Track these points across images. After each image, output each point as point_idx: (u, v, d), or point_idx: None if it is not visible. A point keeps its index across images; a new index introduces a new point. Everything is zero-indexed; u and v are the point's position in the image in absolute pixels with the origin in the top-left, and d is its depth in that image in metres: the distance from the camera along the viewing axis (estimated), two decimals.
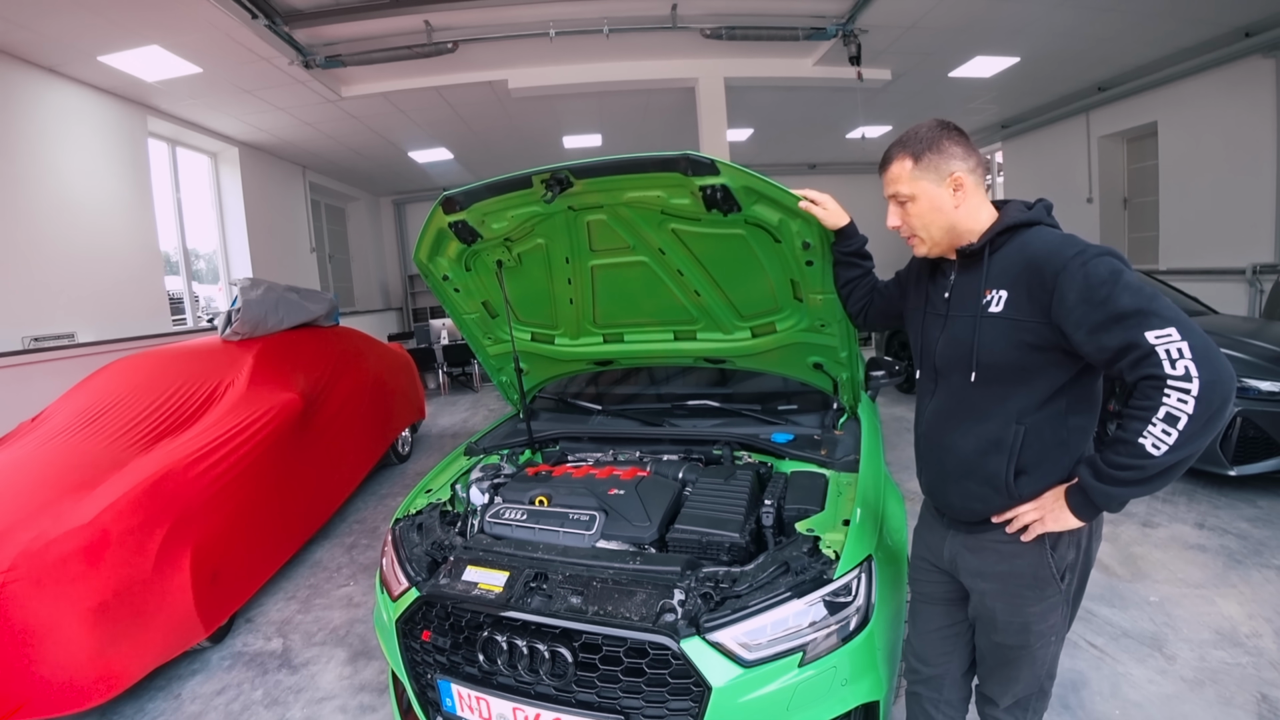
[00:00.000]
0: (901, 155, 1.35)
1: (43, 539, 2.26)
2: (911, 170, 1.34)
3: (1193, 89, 6.40)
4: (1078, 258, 1.16)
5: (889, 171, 1.38)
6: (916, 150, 1.33)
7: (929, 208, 1.34)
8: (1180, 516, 3.51)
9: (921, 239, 1.39)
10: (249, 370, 3.70)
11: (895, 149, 1.37)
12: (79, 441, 3.12)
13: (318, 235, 9.48)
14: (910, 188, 1.34)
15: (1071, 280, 1.15)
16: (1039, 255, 1.22)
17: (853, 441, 2.23)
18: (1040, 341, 1.22)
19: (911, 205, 1.36)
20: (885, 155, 1.39)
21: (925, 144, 1.33)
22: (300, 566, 3.65)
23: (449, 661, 1.67)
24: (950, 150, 1.32)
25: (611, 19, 5.17)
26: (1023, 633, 1.35)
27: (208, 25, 4.43)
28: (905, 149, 1.35)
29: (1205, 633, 2.48)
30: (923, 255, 1.44)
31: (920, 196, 1.34)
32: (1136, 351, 1.09)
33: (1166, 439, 1.07)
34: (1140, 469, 1.10)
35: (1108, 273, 1.13)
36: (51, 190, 4.93)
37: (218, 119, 6.56)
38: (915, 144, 1.34)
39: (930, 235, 1.37)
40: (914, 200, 1.35)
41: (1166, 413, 1.06)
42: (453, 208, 2.01)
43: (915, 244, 1.42)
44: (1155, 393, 1.08)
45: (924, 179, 1.33)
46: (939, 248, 1.39)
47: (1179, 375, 1.05)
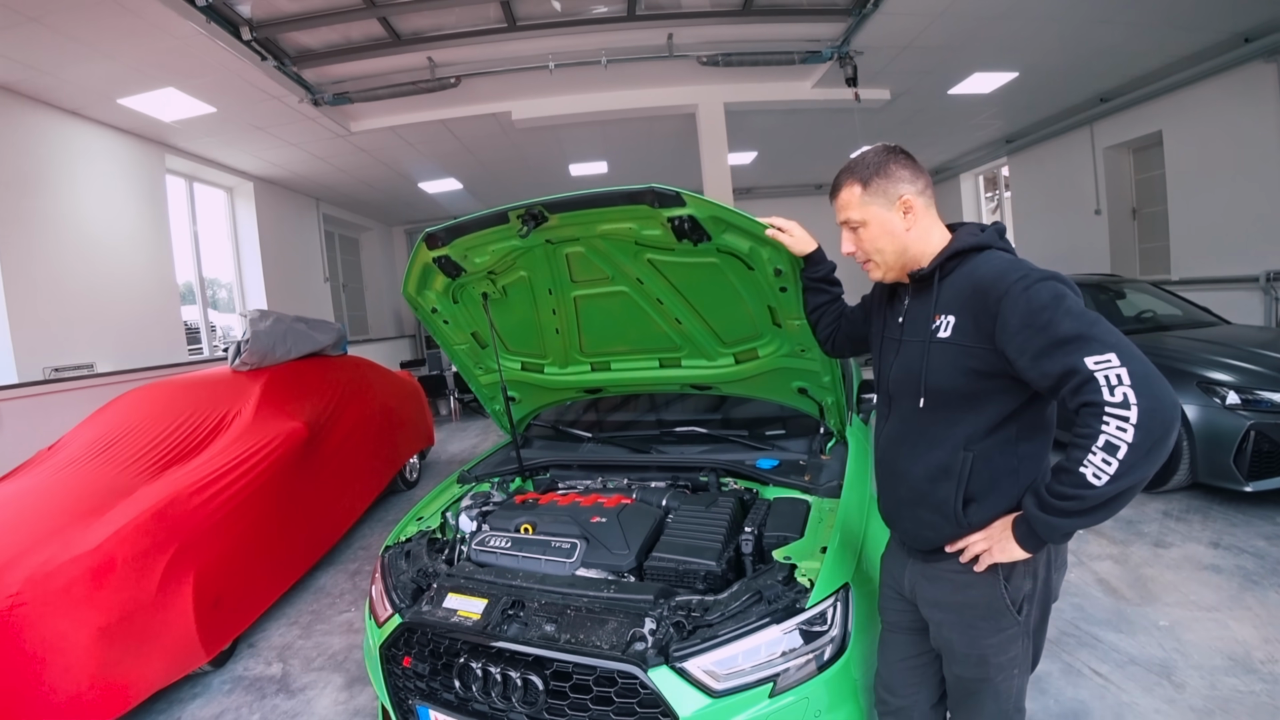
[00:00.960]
0: (850, 181, 1.36)
1: (51, 564, 2.33)
2: (861, 195, 1.35)
3: (1196, 96, 6.35)
4: (1020, 282, 1.16)
5: (839, 198, 1.39)
6: (864, 175, 1.35)
7: (880, 232, 1.35)
8: (1194, 535, 3.42)
9: (875, 264, 1.40)
10: (256, 400, 3.79)
11: (844, 175, 1.39)
12: (90, 469, 3.22)
13: (331, 265, 9.68)
14: (860, 213, 1.36)
15: (1014, 305, 1.15)
16: (985, 280, 1.22)
17: (839, 466, 2.22)
18: (987, 368, 1.22)
19: (863, 230, 1.37)
20: (834, 182, 1.41)
21: (873, 169, 1.34)
22: (304, 592, 3.69)
23: (428, 688, 1.69)
24: (898, 174, 1.33)
25: (609, 50, 5.28)
26: (981, 665, 1.32)
27: (220, 67, 4.62)
28: (853, 175, 1.36)
29: (1217, 659, 2.40)
30: (878, 280, 1.45)
31: (871, 221, 1.35)
32: (1076, 378, 1.08)
33: (1107, 469, 1.04)
34: (1081, 499, 1.08)
35: (1049, 297, 1.13)
36: (74, 226, 5.12)
37: (232, 155, 6.79)
38: (863, 169, 1.35)
39: (884, 260, 1.38)
40: (865, 225, 1.36)
41: (1106, 441, 1.04)
42: (435, 243, 2.07)
43: (870, 269, 1.43)
44: (1095, 420, 1.06)
45: (873, 203, 1.34)
46: (893, 272, 1.40)
47: (1117, 402, 1.04)
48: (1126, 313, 5.23)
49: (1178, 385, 3.80)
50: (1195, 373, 3.81)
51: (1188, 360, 3.95)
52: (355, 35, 4.83)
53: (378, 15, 4.46)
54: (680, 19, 4.97)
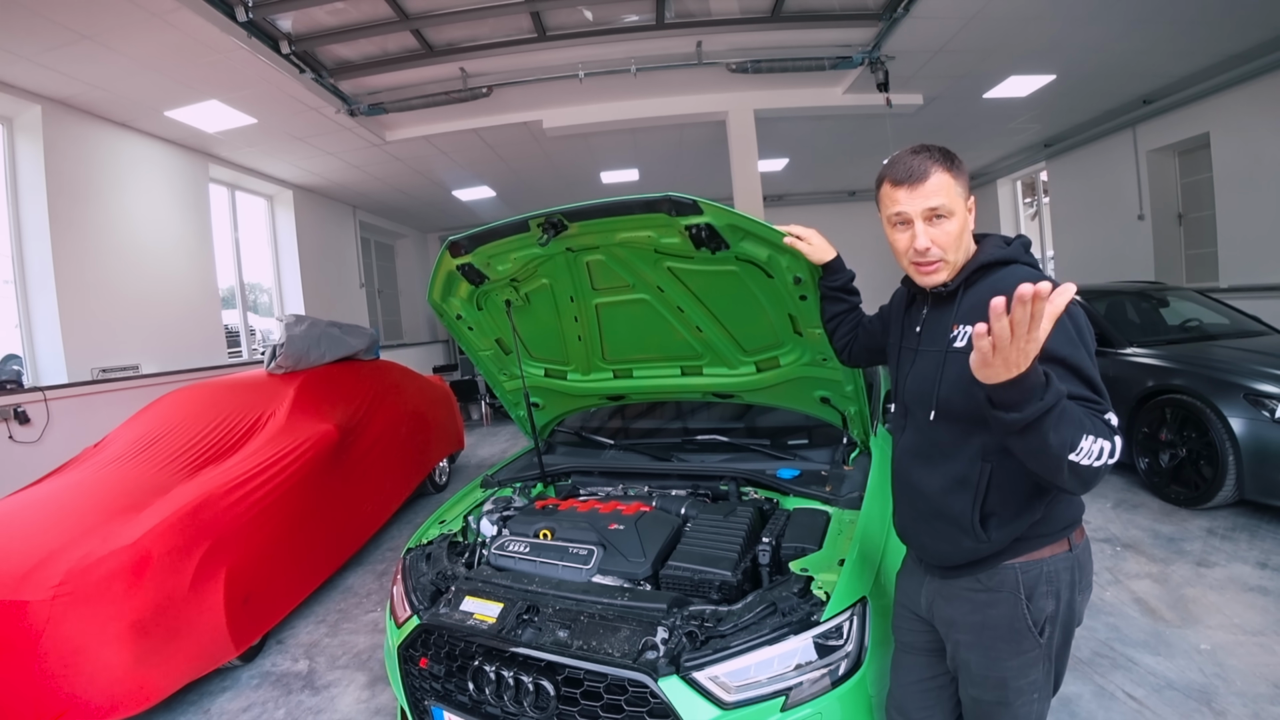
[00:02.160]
0: (940, 167, 1.24)
1: (91, 557, 2.43)
2: (952, 184, 1.24)
3: (1246, 96, 6.10)
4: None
5: (927, 183, 1.23)
6: (951, 165, 1.25)
7: (960, 227, 1.27)
8: (1240, 555, 3.27)
9: (946, 262, 1.28)
10: (289, 402, 3.90)
11: (929, 161, 1.25)
12: (130, 467, 3.35)
13: (367, 271, 9.92)
14: (952, 202, 1.24)
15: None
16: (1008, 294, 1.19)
17: (861, 477, 2.18)
18: None
19: (948, 223, 1.25)
20: (916, 168, 1.25)
21: (953, 160, 1.26)
22: (332, 591, 3.77)
23: (443, 689, 1.71)
24: (966, 172, 1.29)
25: (638, 58, 5.32)
26: (1000, 688, 1.28)
27: (261, 81, 4.79)
28: (939, 162, 1.24)
29: (1262, 686, 2.28)
30: (939, 283, 1.31)
31: (957, 213, 1.26)
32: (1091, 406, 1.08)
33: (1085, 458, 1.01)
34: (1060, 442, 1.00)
35: (1074, 331, 1.12)
36: (122, 233, 5.36)
37: (272, 164, 7.02)
38: (946, 159, 1.25)
39: (955, 258, 1.28)
40: (951, 217, 1.25)
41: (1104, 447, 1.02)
42: (458, 251, 2.11)
43: (938, 270, 1.29)
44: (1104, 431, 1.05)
45: (959, 194, 1.26)
46: (953, 273, 1.30)
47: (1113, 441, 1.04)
48: (1171, 321, 5.03)
49: (1224, 397, 3.66)
50: (1242, 384, 3.65)
51: (1235, 371, 3.79)
52: (390, 47, 4.96)
53: (411, 28, 4.57)
54: (709, 26, 4.97)
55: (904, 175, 1.26)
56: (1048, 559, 1.25)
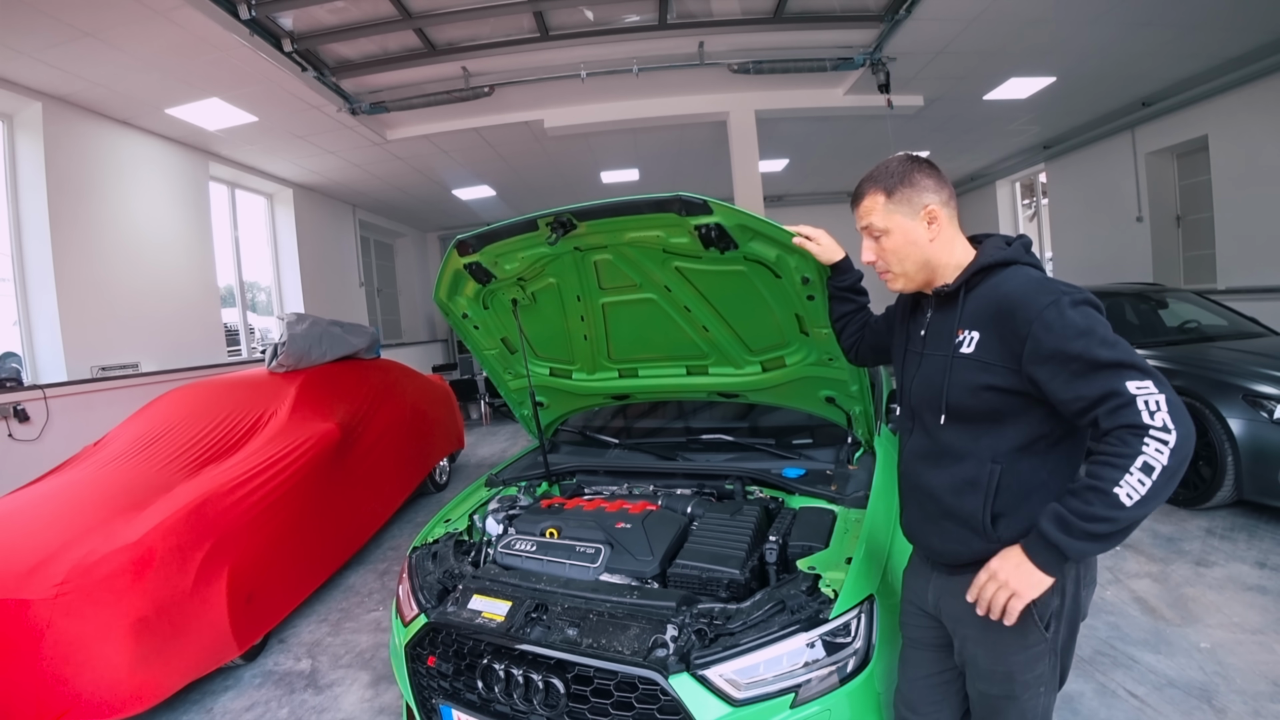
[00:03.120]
0: (873, 189, 1.34)
1: (94, 555, 2.43)
2: (884, 203, 1.33)
3: (1244, 100, 6.14)
4: (1053, 306, 1.14)
5: (861, 205, 1.36)
6: (888, 184, 1.32)
7: (903, 241, 1.33)
8: (1239, 555, 3.29)
9: (895, 274, 1.37)
10: (291, 401, 3.89)
11: (866, 184, 1.36)
12: (132, 466, 3.34)
13: (367, 270, 9.90)
14: (884, 221, 1.33)
15: (1048, 328, 1.13)
16: (1012, 298, 1.20)
17: (866, 476, 2.19)
18: (1009, 386, 1.20)
19: (886, 239, 1.34)
20: (857, 190, 1.38)
21: (897, 177, 1.32)
22: (334, 590, 3.77)
23: (451, 687, 1.71)
24: (922, 183, 1.31)
25: (640, 58, 5.32)
26: (1007, 682, 1.29)
27: (262, 79, 4.78)
28: (876, 183, 1.34)
29: (1262, 684, 2.30)
30: (898, 290, 1.42)
31: (894, 230, 1.33)
32: (1117, 399, 1.06)
33: (1140, 489, 1.03)
34: (1113, 521, 1.05)
35: (1085, 322, 1.12)
36: (122, 231, 5.34)
37: (273, 162, 7.00)
38: (886, 178, 1.33)
39: (905, 270, 1.36)
40: (888, 234, 1.34)
41: (1144, 462, 1.03)
42: (466, 250, 2.11)
43: (890, 279, 1.40)
44: (1135, 441, 1.04)
45: (897, 212, 1.32)
46: (913, 283, 1.38)
47: (1159, 426, 1.03)
48: (1169, 323, 5.06)
49: (1223, 398, 3.67)
50: (1241, 385, 3.67)
51: (1233, 372, 3.81)
52: (392, 46, 4.96)
53: (414, 26, 4.57)
54: (711, 27, 4.98)
55: (852, 199, 1.41)
56: None
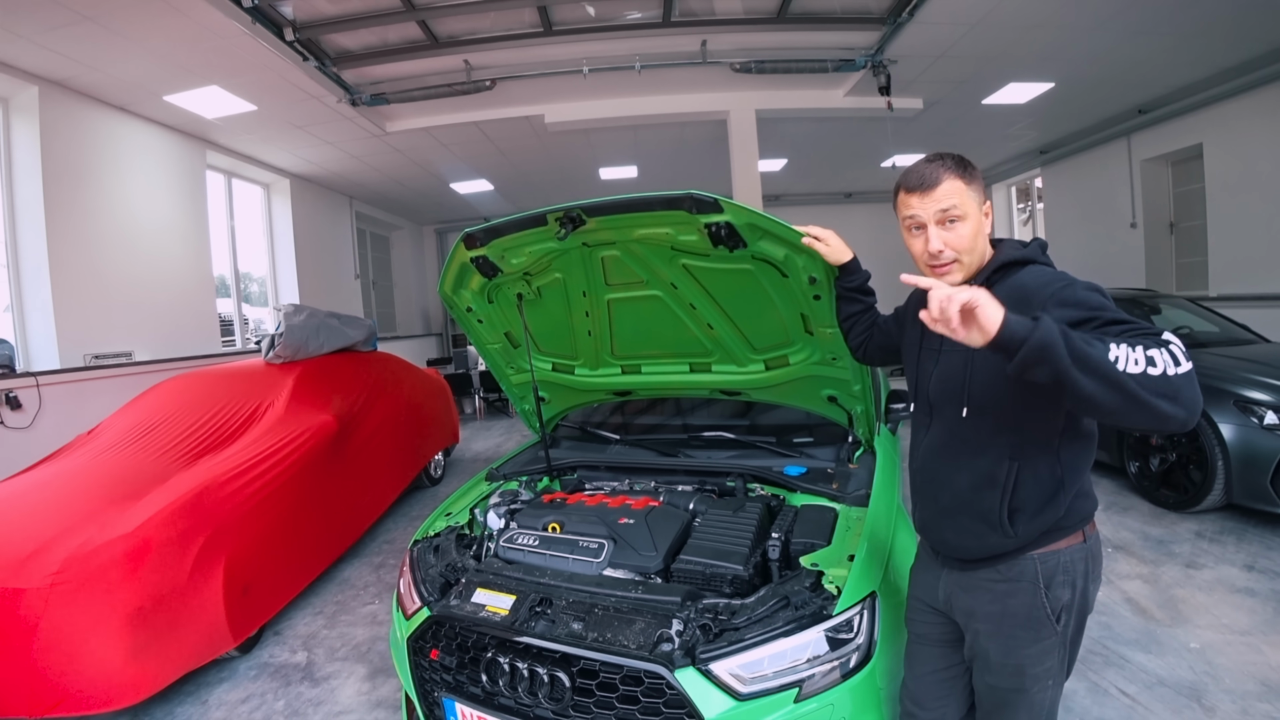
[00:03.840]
0: (951, 174, 1.30)
1: (89, 545, 2.41)
2: (965, 189, 1.30)
3: (1238, 109, 6.22)
4: (1067, 287, 1.19)
5: (939, 189, 1.30)
6: (964, 171, 1.31)
7: (975, 229, 1.31)
8: (1228, 557, 3.34)
9: (962, 264, 1.33)
10: (288, 392, 3.87)
11: (939, 169, 1.31)
12: (128, 455, 3.32)
13: (362, 262, 9.86)
14: (964, 206, 1.30)
15: (1062, 303, 1.16)
16: (1029, 287, 1.24)
17: (866, 475, 2.21)
18: None
19: (961, 225, 1.30)
20: (929, 175, 1.32)
21: (966, 167, 1.32)
22: (329, 583, 3.75)
23: (454, 681, 1.72)
24: (982, 179, 1.34)
25: (643, 55, 5.33)
26: (1017, 675, 1.32)
27: (263, 67, 4.75)
28: (950, 169, 1.31)
29: (1250, 684, 2.34)
30: (956, 283, 1.33)
31: (970, 216, 1.31)
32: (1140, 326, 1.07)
33: (1134, 367, 0.97)
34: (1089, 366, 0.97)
35: (1097, 300, 1.16)
36: (117, 219, 5.30)
37: (271, 152, 6.96)
38: (958, 166, 1.32)
39: (970, 260, 1.33)
40: (964, 220, 1.30)
41: (1151, 355, 0.98)
42: (473, 244, 2.11)
43: (952, 270, 1.33)
44: (1154, 341, 1.02)
45: (973, 199, 1.31)
46: (969, 274, 1.34)
47: (1177, 352, 1.00)
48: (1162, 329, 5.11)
49: (1214, 403, 3.72)
50: (1232, 391, 3.72)
51: (1225, 378, 3.86)
52: (394, 37, 4.93)
53: (417, 18, 4.55)
54: (714, 26, 4.99)
55: (916, 182, 1.33)
56: (1064, 550, 1.29)
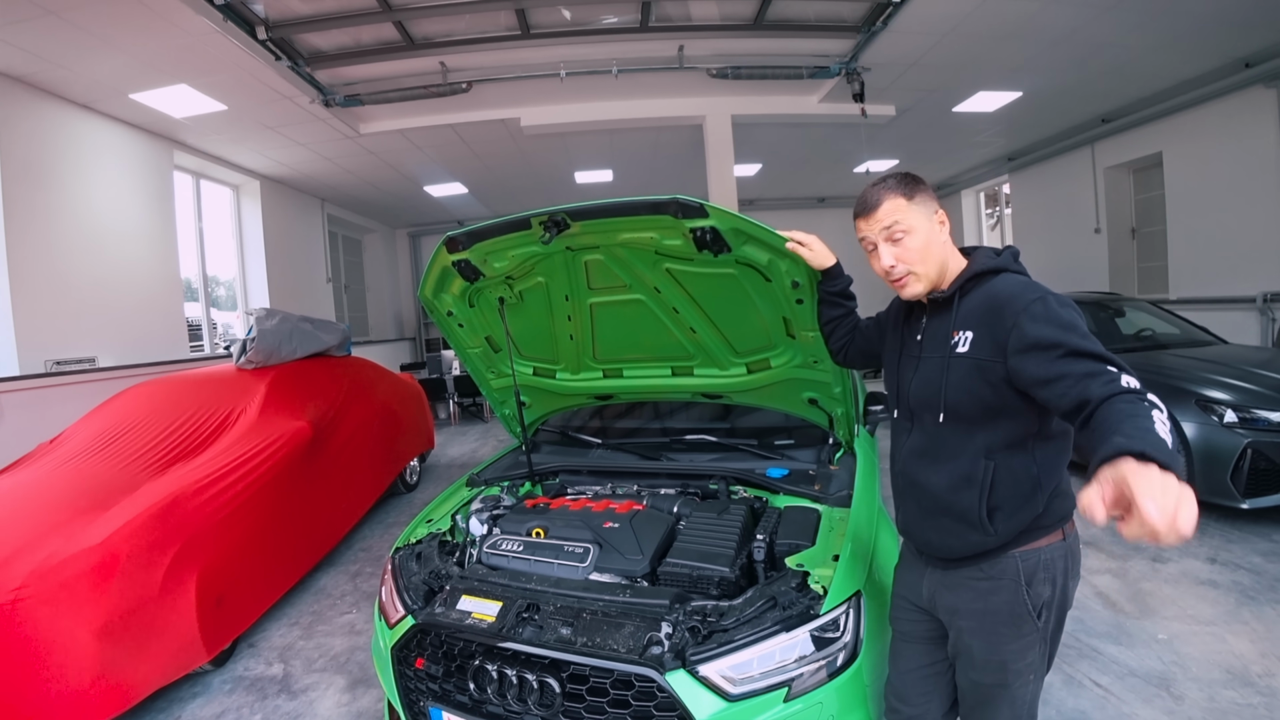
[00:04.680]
0: (892, 194, 1.36)
1: (55, 558, 2.32)
2: (907, 205, 1.35)
3: (1196, 119, 6.46)
4: (1039, 301, 1.22)
5: (881, 209, 1.36)
6: (906, 189, 1.36)
7: (925, 241, 1.36)
8: (1191, 551, 3.46)
9: (917, 275, 1.37)
10: (261, 398, 3.79)
11: (881, 191, 1.37)
12: (94, 464, 3.21)
13: (334, 266, 9.70)
14: (909, 220, 1.35)
15: (1033, 319, 1.20)
16: (1002, 297, 1.28)
17: (847, 476, 2.24)
18: (1001, 379, 1.26)
19: (909, 239, 1.35)
20: (868, 200, 1.38)
21: (910, 184, 1.37)
22: (305, 593, 3.68)
23: (441, 689, 1.69)
24: (929, 191, 1.39)
25: (620, 60, 5.34)
26: (1000, 670, 1.35)
27: (234, 66, 4.65)
28: (892, 189, 1.36)
29: (1215, 672, 2.43)
30: (913, 295, 1.41)
31: (918, 230, 1.35)
32: (1107, 375, 1.08)
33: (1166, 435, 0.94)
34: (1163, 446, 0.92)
35: (1068, 318, 1.19)
36: (80, 220, 5.13)
37: (241, 153, 6.81)
38: (901, 185, 1.37)
39: (926, 270, 1.37)
40: (911, 234, 1.35)
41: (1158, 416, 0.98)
42: (456, 247, 2.09)
43: (909, 283, 1.39)
44: (1140, 402, 1.02)
45: (919, 213, 1.36)
46: (928, 285, 1.39)
47: (1154, 403, 1.01)
48: (1126, 331, 5.28)
49: (1176, 403, 3.85)
50: (1194, 391, 3.85)
51: (1186, 379, 4.00)
52: (370, 38, 4.88)
53: (393, 19, 4.50)
54: (692, 31, 5.03)
55: (861, 208, 1.41)
56: (1044, 548, 1.32)
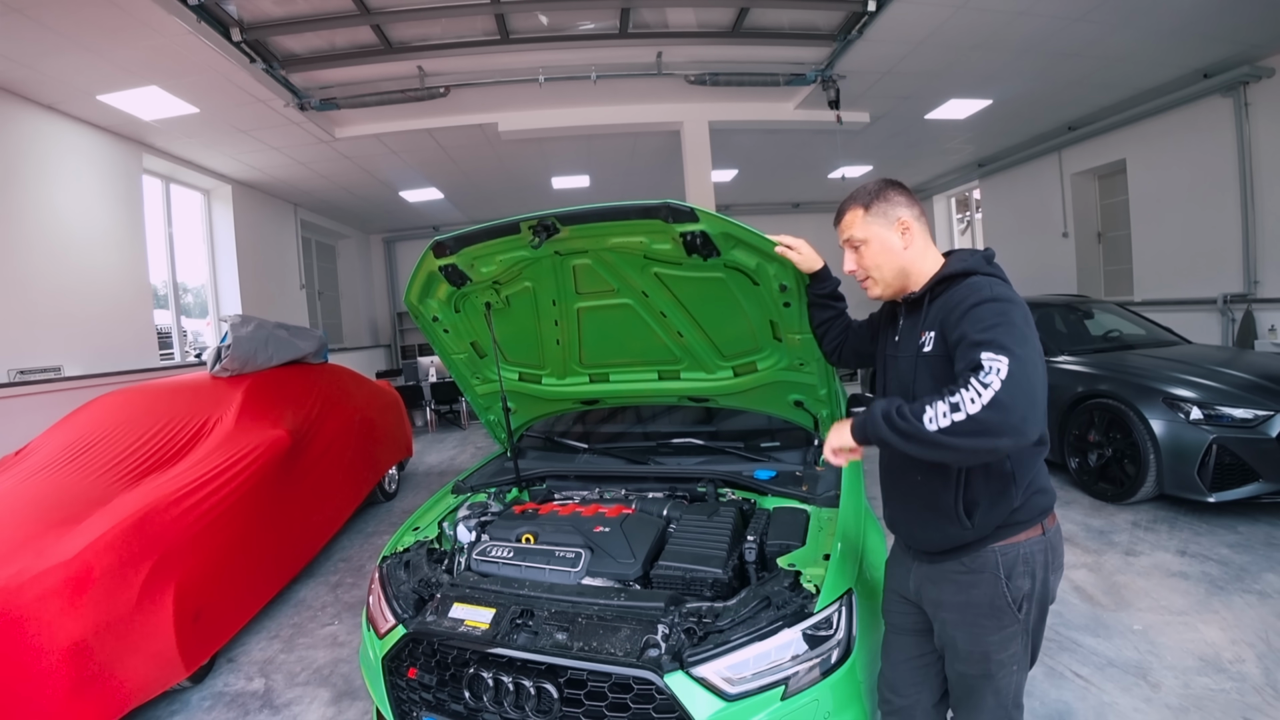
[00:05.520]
0: (853, 205, 1.50)
1: (25, 574, 2.24)
2: (863, 216, 1.47)
3: (1158, 127, 6.69)
4: (980, 305, 1.28)
5: (843, 220, 1.52)
6: (865, 200, 1.48)
7: (880, 249, 1.47)
8: (1162, 544, 3.56)
9: (874, 279, 1.50)
10: (237, 407, 3.71)
11: (847, 202, 1.52)
12: (64, 476, 3.12)
13: (308, 272, 9.54)
14: (863, 232, 1.47)
15: (967, 316, 1.27)
16: (953, 302, 1.34)
17: (834, 477, 2.27)
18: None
19: (865, 248, 1.48)
20: (839, 210, 1.54)
21: (873, 194, 1.48)
22: (284, 605, 3.60)
23: (435, 699, 1.67)
24: (895, 199, 1.46)
25: (599, 66, 5.36)
26: (983, 661, 1.39)
27: (207, 68, 4.57)
28: (855, 200, 1.50)
29: (1189, 660, 2.51)
30: (876, 296, 1.55)
31: (872, 240, 1.47)
32: (969, 364, 1.21)
33: (942, 420, 1.16)
34: (907, 434, 1.21)
35: (992, 315, 1.25)
36: (45, 224, 4.98)
37: (212, 157, 6.68)
38: (864, 195, 1.49)
39: (883, 276, 1.49)
40: (867, 243, 1.47)
41: (955, 401, 1.16)
42: (443, 252, 2.08)
43: (869, 285, 1.53)
44: (959, 384, 1.18)
45: (875, 224, 1.46)
46: (890, 289, 1.51)
47: (984, 383, 1.15)
48: (1094, 331, 5.42)
49: (1145, 401, 3.97)
50: (1161, 389, 3.98)
51: (1153, 377, 4.12)
52: (346, 41, 4.82)
53: (371, 22, 4.46)
54: (670, 38, 5.07)
55: (835, 218, 1.56)
56: (1024, 542, 1.37)
